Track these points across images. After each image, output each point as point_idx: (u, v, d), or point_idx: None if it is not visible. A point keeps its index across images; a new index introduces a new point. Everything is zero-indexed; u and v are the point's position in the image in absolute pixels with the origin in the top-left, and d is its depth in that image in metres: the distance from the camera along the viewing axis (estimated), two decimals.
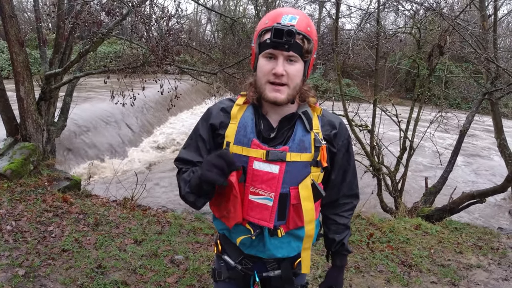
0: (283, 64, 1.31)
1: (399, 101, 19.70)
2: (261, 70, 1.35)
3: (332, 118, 1.49)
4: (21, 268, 3.19)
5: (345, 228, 1.60)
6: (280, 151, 1.36)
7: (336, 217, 1.60)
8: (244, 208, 1.43)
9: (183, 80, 7.16)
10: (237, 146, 1.40)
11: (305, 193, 1.39)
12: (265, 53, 1.33)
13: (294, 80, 1.34)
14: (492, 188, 5.70)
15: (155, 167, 9.42)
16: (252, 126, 1.41)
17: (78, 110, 8.46)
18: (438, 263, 3.90)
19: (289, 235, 1.46)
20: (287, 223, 1.43)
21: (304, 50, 1.32)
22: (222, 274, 1.61)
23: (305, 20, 1.33)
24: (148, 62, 5.32)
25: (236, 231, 1.50)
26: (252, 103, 1.44)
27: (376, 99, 5.98)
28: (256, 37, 1.37)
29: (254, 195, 1.41)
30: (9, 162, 4.99)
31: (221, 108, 1.48)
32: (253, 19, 22.94)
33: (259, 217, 1.42)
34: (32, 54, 16.30)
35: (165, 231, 4.22)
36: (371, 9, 6.75)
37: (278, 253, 1.47)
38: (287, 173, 1.37)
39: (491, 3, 7.57)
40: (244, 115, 1.43)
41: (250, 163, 1.39)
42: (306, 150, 1.38)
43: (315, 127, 1.42)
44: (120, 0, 4.70)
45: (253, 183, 1.40)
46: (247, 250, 1.51)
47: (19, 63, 5.24)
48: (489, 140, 14.78)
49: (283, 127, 1.42)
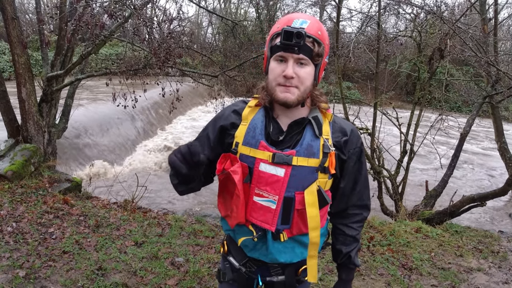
0: (293, 66, 1.32)
1: (399, 104, 19.67)
2: (272, 73, 1.37)
3: (343, 125, 1.47)
4: (22, 269, 3.19)
5: (354, 240, 1.55)
6: (286, 155, 1.36)
7: (345, 227, 1.55)
8: (248, 209, 1.44)
9: (184, 83, 7.17)
10: (245, 147, 1.42)
11: (311, 199, 1.38)
12: (276, 56, 1.34)
13: (304, 83, 1.34)
14: (493, 192, 5.69)
15: (156, 169, 9.42)
16: (262, 128, 1.42)
17: (79, 111, 8.49)
18: (439, 266, 3.90)
19: (293, 241, 1.45)
20: (291, 228, 1.43)
21: (315, 53, 1.32)
22: (227, 275, 1.61)
23: (316, 24, 1.34)
24: (150, 65, 5.34)
25: (240, 232, 1.50)
26: (264, 105, 1.46)
27: (377, 102, 5.99)
28: (268, 42, 1.39)
29: (258, 197, 1.41)
30: (10, 164, 4.99)
31: (233, 110, 1.50)
32: (254, 22, 23.05)
33: (262, 219, 1.42)
34: (33, 56, 16.31)
35: (166, 234, 4.23)
36: (372, 13, 6.77)
37: (281, 258, 1.46)
38: (293, 177, 1.37)
39: (491, 7, 7.59)
40: (255, 117, 1.45)
41: (256, 165, 1.40)
42: (314, 156, 1.37)
43: (325, 132, 1.41)
44: (122, 3, 4.72)
45: (258, 184, 1.40)
46: (250, 253, 1.51)
47: (20, 65, 5.26)
48: (489, 143, 14.78)
49: (292, 131, 1.42)
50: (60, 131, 6.30)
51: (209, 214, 5.21)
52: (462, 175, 10.72)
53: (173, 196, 7.52)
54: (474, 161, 12.52)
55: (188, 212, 5.25)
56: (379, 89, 6.39)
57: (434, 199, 6.24)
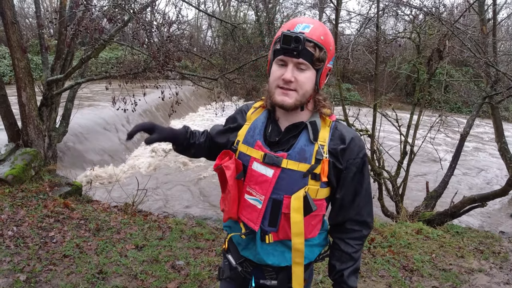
0: (292, 70, 1.33)
1: (399, 105, 19.70)
2: (272, 76, 1.39)
3: (344, 133, 1.42)
4: (23, 273, 3.20)
5: (349, 258, 1.48)
6: (276, 156, 1.37)
7: (341, 242, 1.49)
8: (240, 207, 1.47)
9: (184, 86, 7.18)
10: (244, 145, 1.47)
11: (296, 204, 1.35)
12: (277, 59, 1.36)
13: (303, 87, 1.35)
14: (493, 192, 5.69)
15: (157, 173, 9.42)
16: (261, 128, 1.47)
17: (79, 115, 8.49)
18: (440, 267, 3.89)
19: (282, 245, 1.44)
20: (278, 231, 1.42)
21: (315, 58, 1.32)
22: (225, 273, 1.62)
23: (319, 29, 1.34)
24: (149, 68, 5.35)
25: (233, 229, 1.54)
26: (267, 108, 1.51)
27: (376, 103, 6.00)
28: (272, 45, 1.41)
29: (248, 195, 1.45)
30: (10, 168, 5.00)
31: (242, 110, 1.59)
32: (253, 25, 23.10)
33: (249, 217, 1.45)
34: (33, 60, 16.35)
35: (166, 237, 4.23)
36: (370, 14, 6.79)
37: (268, 260, 1.45)
38: (282, 179, 1.37)
39: (490, 7, 7.61)
40: (258, 118, 1.50)
41: (250, 163, 1.43)
42: (306, 161, 1.36)
43: (321, 138, 1.39)
44: (122, 7, 4.73)
45: (249, 183, 1.44)
46: (242, 252, 1.53)
47: (20, 69, 5.27)
48: (489, 143, 14.77)
49: (288, 134, 1.43)
50: (60, 135, 6.31)
51: (210, 217, 5.22)
52: (463, 175, 10.71)
53: (173, 199, 7.53)
54: (475, 161, 12.51)
55: (189, 215, 5.26)
56: (379, 90, 6.39)
57: (435, 200, 6.23)
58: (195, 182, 8.68)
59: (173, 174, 9.19)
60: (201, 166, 9.76)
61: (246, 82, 7.69)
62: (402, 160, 6.37)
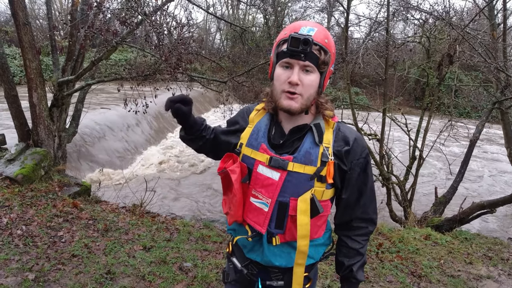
0: (298, 73, 1.32)
1: (408, 110, 19.62)
2: (277, 79, 1.37)
3: (347, 134, 1.43)
4: (31, 272, 3.22)
5: (357, 253, 1.51)
6: (282, 159, 1.38)
7: (348, 239, 1.52)
8: (245, 210, 1.47)
9: (193, 88, 7.21)
10: (248, 148, 1.46)
11: (303, 207, 1.36)
12: (282, 62, 1.35)
13: (308, 91, 1.35)
14: (503, 198, 5.65)
15: (165, 174, 9.46)
16: (265, 131, 1.46)
17: (90, 116, 8.56)
18: (448, 273, 3.86)
19: (289, 246, 1.45)
20: (285, 233, 1.43)
21: (321, 61, 1.33)
22: (230, 276, 1.63)
23: (323, 32, 1.35)
24: (160, 70, 5.37)
25: (239, 231, 1.54)
26: (269, 111, 1.50)
27: (386, 108, 5.98)
28: (274, 47, 1.40)
29: (254, 198, 1.44)
30: (20, 167, 5.05)
31: (245, 112, 1.59)
32: (262, 28, 23.15)
33: (255, 220, 1.45)
34: (44, 61, 16.51)
35: (174, 238, 4.24)
36: (380, 18, 6.78)
37: (275, 261, 1.46)
38: (288, 182, 1.37)
39: (500, 12, 7.55)
40: (260, 120, 1.49)
41: (255, 166, 1.43)
42: (311, 163, 1.36)
43: (325, 141, 1.39)
44: (134, 10, 4.76)
45: (255, 186, 1.44)
46: (248, 254, 1.53)
47: (32, 70, 5.32)
48: (499, 149, 14.63)
49: (293, 136, 1.43)
50: (70, 136, 6.36)
51: (217, 220, 5.23)
52: (472, 181, 10.62)
53: (181, 201, 7.55)
54: (484, 167, 12.40)
55: (196, 217, 5.27)
56: (388, 94, 6.38)
57: (444, 205, 6.19)
58: (203, 184, 8.71)
59: (181, 176, 9.22)
60: (210, 168, 9.79)
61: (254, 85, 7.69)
62: (411, 165, 6.33)
